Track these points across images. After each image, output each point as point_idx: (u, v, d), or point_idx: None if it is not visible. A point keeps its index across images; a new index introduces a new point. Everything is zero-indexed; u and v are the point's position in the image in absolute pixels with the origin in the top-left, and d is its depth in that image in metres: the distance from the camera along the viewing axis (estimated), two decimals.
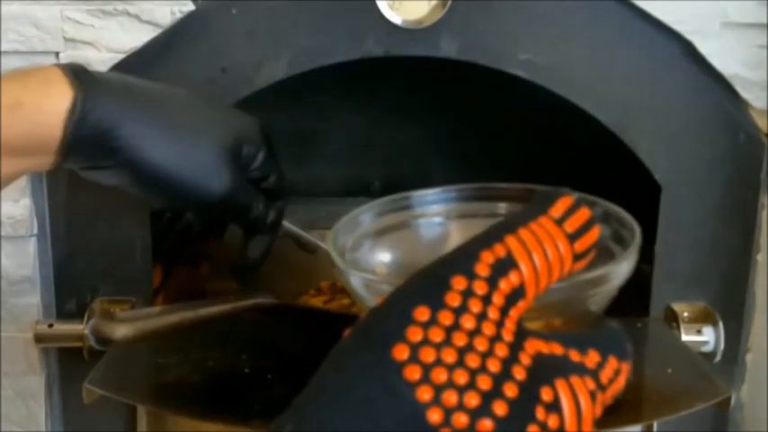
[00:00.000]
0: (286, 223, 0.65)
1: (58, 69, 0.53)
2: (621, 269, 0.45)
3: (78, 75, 0.53)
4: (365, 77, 0.86)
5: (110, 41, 0.72)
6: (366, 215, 0.58)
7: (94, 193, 0.76)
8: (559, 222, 0.31)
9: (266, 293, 0.63)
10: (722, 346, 0.78)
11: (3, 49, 0.70)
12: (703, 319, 0.79)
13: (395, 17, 0.73)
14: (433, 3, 0.73)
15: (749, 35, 0.74)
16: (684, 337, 0.77)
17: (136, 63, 0.73)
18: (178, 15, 0.72)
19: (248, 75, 0.74)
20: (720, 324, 0.78)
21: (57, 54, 0.72)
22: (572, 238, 0.31)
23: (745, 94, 0.76)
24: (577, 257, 0.31)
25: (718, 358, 0.78)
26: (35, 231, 0.75)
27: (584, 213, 0.31)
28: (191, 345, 0.67)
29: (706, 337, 0.78)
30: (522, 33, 0.75)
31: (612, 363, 0.30)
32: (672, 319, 0.79)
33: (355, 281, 0.49)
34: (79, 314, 0.76)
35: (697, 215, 0.79)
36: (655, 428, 0.69)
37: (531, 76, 0.75)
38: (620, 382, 0.30)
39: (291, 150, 1.06)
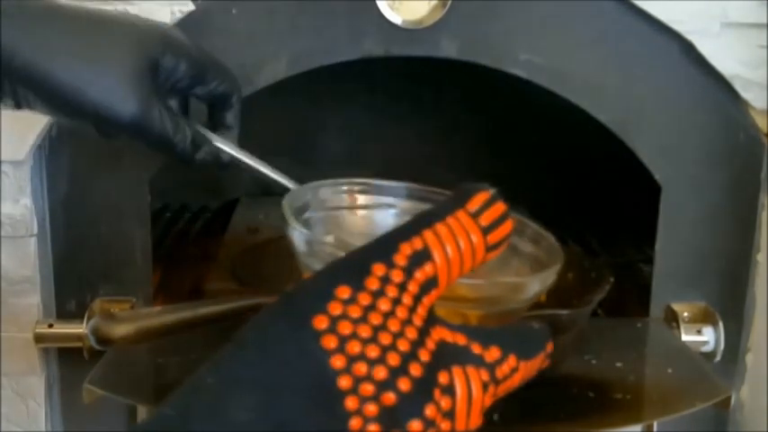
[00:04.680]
0: (255, 162, 0.63)
1: None
2: (534, 284, 0.49)
3: None
4: (365, 77, 0.86)
5: None
6: (326, 189, 0.62)
7: (94, 193, 0.76)
8: (475, 216, 0.33)
9: (266, 293, 0.63)
10: (722, 346, 0.78)
11: None
12: (703, 319, 0.79)
13: (395, 17, 0.73)
14: (433, 3, 0.73)
15: (749, 35, 0.74)
16: (684, 337, 0.77)
17: None
18: (178, 15, 0.72)
19: (248, 75, 0.74)
20: (720, 324, 0.78)
21: None
22: (486, 230, 0.33)
23: (745, 94, 0.75)
24: (490, 248, 0.34)
25: (718, 358, 0.78)
26: (35, 231, 0.75)
27: (499, 207, 0.34)
28: (191, 345, 0.67)
29: (706, 337, 0.78)
30: (522, 33, 0.75)
31: (511, 361, 0.32)
32: (672, 319, 0.79)
33: (299, 237, 0.52)
34: (79, 314, 0.76)
35: (697, 215, 0.79)
36: (655, 428, 0.69)
37: (531, 76, 0.75)
38: (516, 380, 0.33)
39: (292, 150, 1.06)
